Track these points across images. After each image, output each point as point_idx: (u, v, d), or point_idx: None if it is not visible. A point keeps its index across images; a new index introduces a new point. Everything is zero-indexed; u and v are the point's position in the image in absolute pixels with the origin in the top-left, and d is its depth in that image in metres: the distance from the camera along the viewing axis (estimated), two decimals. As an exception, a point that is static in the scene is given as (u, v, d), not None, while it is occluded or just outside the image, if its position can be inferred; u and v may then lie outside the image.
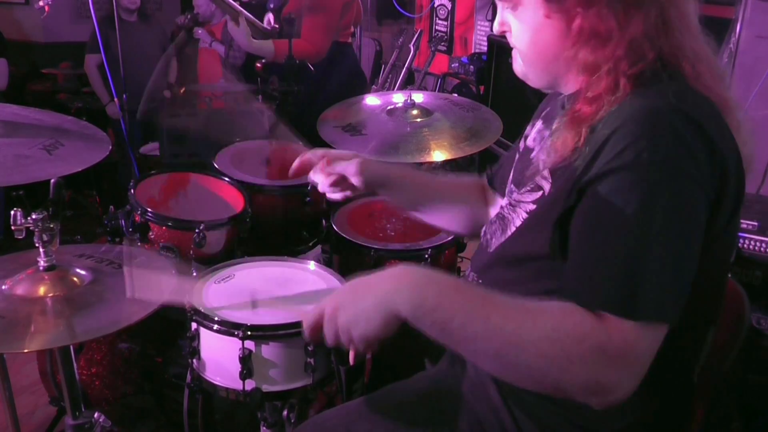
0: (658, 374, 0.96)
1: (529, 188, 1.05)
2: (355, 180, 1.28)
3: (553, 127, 1.03)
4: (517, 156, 1.20)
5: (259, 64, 2.95)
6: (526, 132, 1.21)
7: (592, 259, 0.86)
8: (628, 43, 0.91)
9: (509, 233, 1.07)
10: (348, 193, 1.34)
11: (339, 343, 0.97)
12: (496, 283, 1.06)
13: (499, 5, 1.03)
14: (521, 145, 1.21)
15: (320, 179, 1.31)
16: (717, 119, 0.90)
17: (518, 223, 1.05)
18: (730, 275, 1.67)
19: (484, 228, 1.20)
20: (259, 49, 2.94)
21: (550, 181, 0.99)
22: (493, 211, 1.33)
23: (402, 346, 1.05)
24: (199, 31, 4.45)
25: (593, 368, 0.81)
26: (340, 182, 1.31)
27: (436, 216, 1.40)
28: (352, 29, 3.13)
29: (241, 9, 2.81)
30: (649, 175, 0.83)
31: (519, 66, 1.06)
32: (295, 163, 1.32)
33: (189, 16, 4.15)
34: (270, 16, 3.04)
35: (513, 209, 1.08)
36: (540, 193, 1.01)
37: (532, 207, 1.02)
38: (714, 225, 0.88)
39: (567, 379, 0.82)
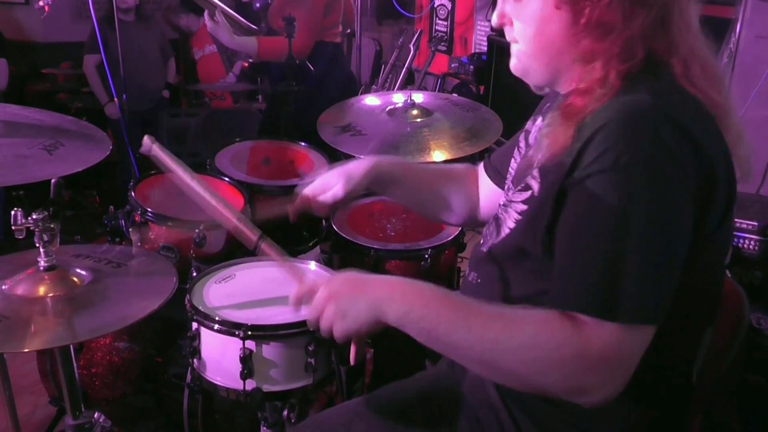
0: (656, 376, 0.98)
1: (520, 188, 1.05)
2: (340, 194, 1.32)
3: (546, 122, 1.03)
4: (520, 153, 1.19)
5: (246, 63, 2.92)
6: (527, 127, 1.20)
7: (573, 263, 0.88)
8: (626, 39, 0.90)
9: (503, 234, 1.07)
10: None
11: (316, 325, 1.02)
12: (493, 283, 1.07)
13: None
14: (522, 143, 1.20)
15: (322, 212, 1.39)
16: (704, 120, 0.89)
17: (511, 224, 1.05)
18: (729, 275, 1.69)
19: (484, 229, 1.20)
20: (242, 46, 2.88)
21: (539, 180, 0.98)
22: (487, 199, 1.37)
23: (402, 346, 1.06)
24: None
25: (573, 373, 0.84)
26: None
27: (432, 208, 1.43)
28: (340, 28, 3.09)
29: (219, 3, 2.74)
30: (628, 177, 0.83)
31: (519, 62, 1.04)
32: (293, 209, 1.37)
33: (179, 37, 4.17)
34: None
35: (505, 209, 1.08)
36: (529, 193, 1.00)
37: (523, 207, 1.02)
38: (703, 227, 0.88)
39: (548, 382, 0.86)
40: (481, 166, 1.39)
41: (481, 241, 1.17)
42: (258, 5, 2.98)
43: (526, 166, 1.08)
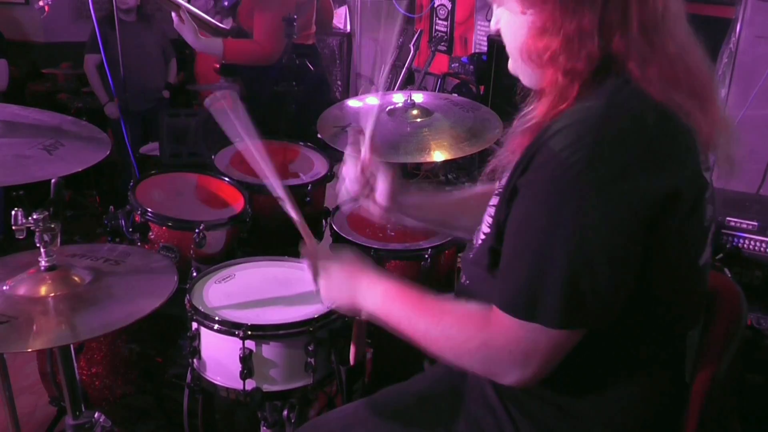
0: (646, 375, 0.99)
1: (496, 192, 1.06)
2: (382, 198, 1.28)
3: (514, 124, 1.05)
4: None
5: (216, 65, 2.82)
6: None
7: (507, 261, 0.93)
8: (566, 37, 0.89)
9: (481, 238, 1.09)
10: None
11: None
12: (479, 285, 1.09)
13: (492, 2, 1.03)
14: None
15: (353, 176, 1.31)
16: (660, 123, 0.87)
17: (486, 228, 1.06)
18: (729, 275, 1.69)
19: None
20: (207, 47, 2.76)
21: (505, 182, 0.99)
22: None
23: (402, 346, 1.06)
24: None
25: (480, 360, 0.95)
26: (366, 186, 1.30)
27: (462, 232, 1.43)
28: (313, 29, 2.99)
29: (183, 3, 2.64)
30: (562, 185, 0.85)
31: (510, 63, 1.05)
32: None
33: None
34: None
35: (483, 215, 1.10)
36: (499, 197, 1.01)
37: (493, 211, 1.02)
38: (658, 229, 0.87)
39: (466, 365, 0.98)
40: None
41: (469, 246, 1.18)
42: (226, 3, 2.93)
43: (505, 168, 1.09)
